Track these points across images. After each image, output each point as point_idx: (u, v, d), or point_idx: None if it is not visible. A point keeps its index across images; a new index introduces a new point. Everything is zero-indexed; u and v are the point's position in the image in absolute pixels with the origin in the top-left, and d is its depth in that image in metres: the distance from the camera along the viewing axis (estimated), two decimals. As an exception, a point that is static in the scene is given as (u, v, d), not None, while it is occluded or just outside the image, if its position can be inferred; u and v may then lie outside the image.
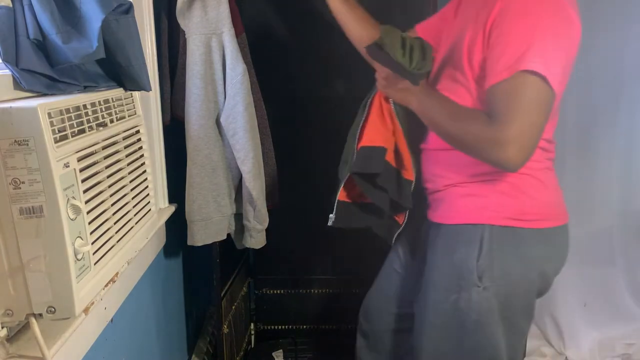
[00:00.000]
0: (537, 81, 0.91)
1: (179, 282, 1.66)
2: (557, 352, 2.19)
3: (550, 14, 0.94)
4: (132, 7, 0.91)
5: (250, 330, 2.09)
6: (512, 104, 0.92)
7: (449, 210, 1.13)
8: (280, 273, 2.04)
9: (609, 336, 2.19)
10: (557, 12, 0.94)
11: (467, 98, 1.05)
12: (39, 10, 0.75)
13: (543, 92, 0.92)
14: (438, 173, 1.15)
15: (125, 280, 1.12)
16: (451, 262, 1.09)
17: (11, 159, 0.68)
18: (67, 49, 0.76)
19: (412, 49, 1.01)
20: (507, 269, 1.05)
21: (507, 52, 0.93)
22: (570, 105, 2.08)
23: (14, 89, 0.76)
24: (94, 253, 0.80)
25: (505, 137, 0.91)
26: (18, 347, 0.77)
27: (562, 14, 0.95)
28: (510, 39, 0.93)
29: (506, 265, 1.05)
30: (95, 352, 0.97)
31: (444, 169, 1.13)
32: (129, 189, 0.95)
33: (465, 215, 1.09)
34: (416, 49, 1.02)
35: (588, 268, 2.25)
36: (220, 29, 1.31)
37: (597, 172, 2.17)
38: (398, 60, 0.99)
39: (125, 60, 0.91)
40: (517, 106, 0.91)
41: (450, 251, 1.10)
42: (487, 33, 0.97)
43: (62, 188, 0.70)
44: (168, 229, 1.43)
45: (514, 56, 0.92)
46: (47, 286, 0.71)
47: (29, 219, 0.69)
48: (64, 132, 0.73)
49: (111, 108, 0.90)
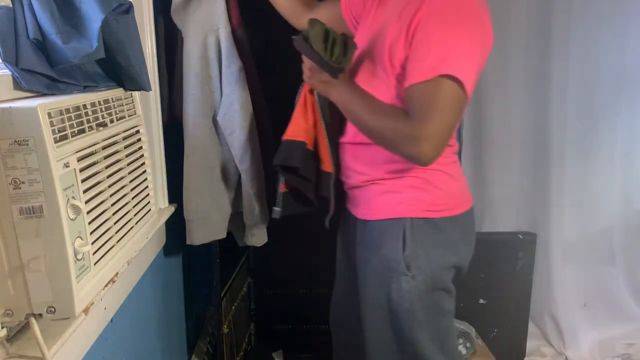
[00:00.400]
0: (454, 85, 0.98)
1: (179, 282, 1.66)
2: (557, 352, 2.19)
3: (470, 24, 1.01)
4: (132, 7, 0.91)
5: (250, 330, 2.09)
6: (430, 105, 0.99)
7: (370, 208, 1.20)
8: (280, 273, 2.04)
9: (609, 336, 2.19)
10: (476, 23, 1.02)
11: (386, 94, 1.10)
12: (39, 10, 0.75)
13: (458, 95, 0.99)
14: (356, 169, 1.21)
15: (125, 280, 1.12)
16: (379, 256, 1.17)
17: (11, 159, 0.68)
18: (67, 49, 0.76)
19: (335, 43, 1.06)
20: (430, 256, 1.14)
21: (430, 55, 0.99)
22: (570, 105, 2.08)
23: (14, 89, 0.76)
24: (94, 253, 0.80)
25: (422, 135, 0.98)
26: (18, 347, 0.77)
27: (480, 24, 1.03)
28: (433, 44, 1.00)
29: (429, 253, 1.14)
30: (95, 352, 0.97)
31: (361, 165, 1.19)
32: (129, 189, 0.95)
33: (386, 211, 1.17)
34: (338, 43, 1.07)
35: (588, 268, 2.25)
36: (216, 25, 1.30)
37: (597, 172, 2.18)
38: (319, 52, 1.05)
39: (125, 60, 0.91)
40: (435, 107, 0.99)
41: (377, 246, 1.17)
42: (410, 34, 1.02)
43: (62, 188, 0.70)
44: (168, 229, 1.43)
45: (435, 60, 0.98)
46: (47, 286, 0.71)
47: (29, 219, 0.69)
48: (64, 132, 0.73)
49: (111, 108, 0.90)
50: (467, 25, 1.00)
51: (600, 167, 2.18)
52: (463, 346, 1.96)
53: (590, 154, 2.16)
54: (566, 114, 2.08)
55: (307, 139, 1.25)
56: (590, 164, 2.17)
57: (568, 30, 2.01)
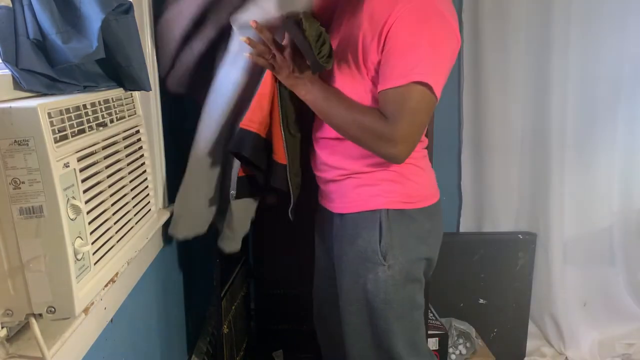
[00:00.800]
0: (425, 90, 1.06)
1: (179, 282, 1.66)
2: (557, 352, 2.19)
3: (438, 27, 1.07)
4: (132, 7, 0.91)
5: (251, 330, 2.09)
6: (404, 108, 1.07)
7: (346, 201, 1.24)
8: (280, 273, 2.04)
9: (609, 336, 2.19)
10: (443, 25, 1.08)
11: (364, 95, 1.14)
12: (39, 10, 0.75)
13: (429, 99, 1.08)
14: (332, 164, 1.24)
15: (125, 280, 1.12)
16: (356, 248, 1.21)
17: (11, 159, 0.68)
18: (67, 49, 0.76)
19: (324, 43, 1.09)
20: (405, 246, 1.20)
21: (402, 62, 1.06)
22: (570, 105, 2.08)
23: (13, 89, 0.76)
24: (94, 253, 0.80)
25: (397, 136, 1.07)
26: (18, 347, 0.77)
27: (447, 26, 1.08)
28: (406, 50, 1.06)
29: (404, 243, 1.19)
30: (95, 352, 0.97)
31: (338, 159, 1.23)
32: (129, 189, 0.95)
33: (362, 203, 1.21)
34: (327, 45, 1.10)
35: (588, 268, 2.25)
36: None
37: (597, 172, 2.18)
38: (311, 45, 1.06)
39: (125, 60, 0.91)
40: (408, 110, 1.07)
41: (353, 238, 1.21)
42: (382, 39, 1.07)
43: (62, 188, 0.70)
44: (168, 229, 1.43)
45: (407, 67, 1.05)
46: (47, 286, 0.71)
47: (29, 219, 0.69)
48: (64, 132, 0.73)
49: (111, 108, 0.90)
50: (435, 29, 1.07)
51: (600, 167, 2.18)
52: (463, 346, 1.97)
53: (590, 154, 2.16)
54: (566, 114, 2.08)
55: (260, 129, 1.27)
56: (590, 164, 2.17)
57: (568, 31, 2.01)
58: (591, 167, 2.17)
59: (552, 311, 2.20)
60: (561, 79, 2.04)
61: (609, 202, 2.22)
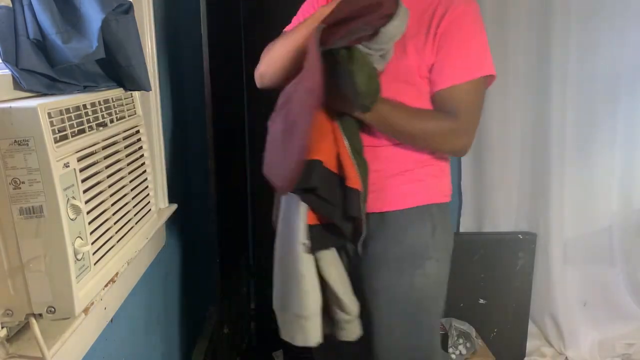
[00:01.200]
0: (480, 83, 1.12)
1: (179, 282, 1.66)
2: (557, 352, 2.19)
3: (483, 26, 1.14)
4: (132, 7, 0.91)
5: (251, 330, 2.09)
6: (473, 102, 1.12)
7: (391, 199, 1.20)
8: (280, 273, 2.04)
9: (609, 336, 2.19)
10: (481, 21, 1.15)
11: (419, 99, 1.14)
12: (39, 10, 0.75)
13: (483, 90, 1.15)
14: (375, 168, 1.17)
15: (125, 280, 1.12)
16: (403, 244, 1.18)
17: (11, 159, 0.68)
18: (67, 49, 0.76)
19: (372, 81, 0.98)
20: (447, 239, 1.23)
21: (470, 57, 1.11)
22: (570, 105, 2.08)
23: (14, 89, 0.76)
24: (94, 253, 0.80)
25: (465, 129, 1.11)
26: (18, 347, 0.77)
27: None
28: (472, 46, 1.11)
29: (447, 236, 1.22)
30: (95, 352, 0.97)
31: (382, 164, 1.18)
32: (129, 189, 0.95)
33: (412, 199, 1.19)
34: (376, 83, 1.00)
35: (588, 268, 2.25)
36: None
37: (596, 171, 2.17)
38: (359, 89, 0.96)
39: (125, 60, 0.91)
40: (476, 104, 1.13)
41: (401, 234, 1.19)
42: (437, 41, 1.10)
43: (62, 188, 0.70)
44: (168, 229, 1.43)
45: (475, 62, 1.11)
46: (47, 286, 0.71)
47: (29, 219, 0.69)
48: (64, 132, 0.73)
49: (111, 108, 0.90)
50: (482, 24, 1.13)
51: (600, 167, 2.17)
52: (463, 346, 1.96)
53: (589, 154, 2.16)
54: (566, 114, 2.08)
55: (323, 157, 1.07)
56: (590, 164, 2.17)
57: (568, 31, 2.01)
58: (591, 167, 2.17)
59: (552, 311, 2.20)
60: (561, 79, 2.04)
61: (608, 202, 2.21)
